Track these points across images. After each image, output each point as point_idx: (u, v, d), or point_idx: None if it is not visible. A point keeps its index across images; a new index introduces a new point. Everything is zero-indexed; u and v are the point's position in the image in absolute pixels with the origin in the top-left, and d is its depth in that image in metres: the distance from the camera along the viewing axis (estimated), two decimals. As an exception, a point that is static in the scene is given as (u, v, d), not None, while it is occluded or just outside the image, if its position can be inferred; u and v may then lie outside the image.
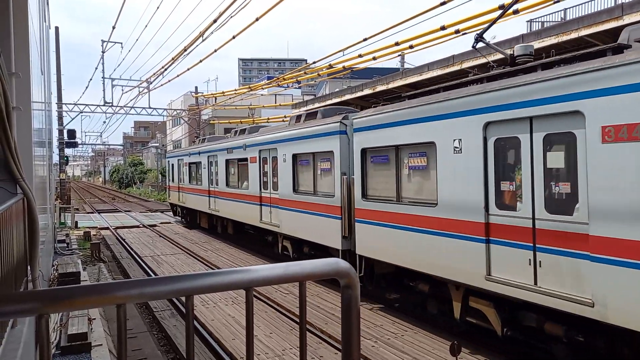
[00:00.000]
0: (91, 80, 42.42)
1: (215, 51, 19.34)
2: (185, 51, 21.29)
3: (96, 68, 49.71)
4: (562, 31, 11.28)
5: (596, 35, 10.66)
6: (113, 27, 26.29)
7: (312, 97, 30.97)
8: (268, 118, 32.48)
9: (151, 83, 31.36)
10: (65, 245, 17.73)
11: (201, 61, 22.21)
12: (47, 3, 14.39)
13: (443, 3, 12.93)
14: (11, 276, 3.95)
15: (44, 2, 12.40)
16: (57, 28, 28.49)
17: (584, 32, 10.75)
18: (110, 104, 33.36)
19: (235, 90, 32.58)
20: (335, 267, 1.57)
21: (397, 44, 16.29)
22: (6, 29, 5.19)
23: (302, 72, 25.42)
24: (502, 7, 11.69)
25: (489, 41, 8.65)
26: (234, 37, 19.24)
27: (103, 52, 31.47)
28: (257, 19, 17.07)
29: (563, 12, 20.69)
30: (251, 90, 30.41)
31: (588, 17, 11.11)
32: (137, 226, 24.74)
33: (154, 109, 35.07)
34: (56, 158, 29.04)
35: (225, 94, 32.70)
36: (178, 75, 26.27)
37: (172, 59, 23.27)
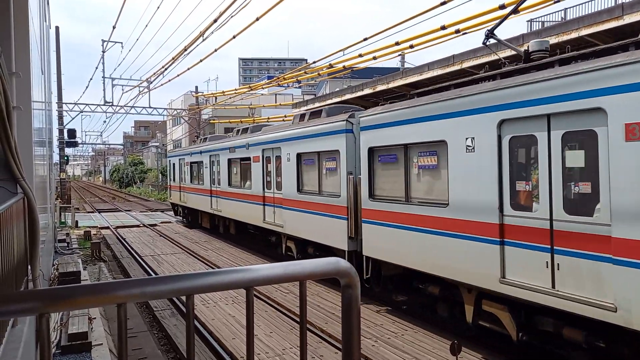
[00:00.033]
0: (91, 79, 42.40)
1: (215, 51, 19.34)
2: (185, 51, 21.29)
3: (96, 68, 49.58)
4: (563, 31, 11.27)
5: (596, 35, 10.65)
6: (113, 27, 26.29)
7: (313, 97, 30.98)
8: (268, 118, 32.46)
9: (151, 83, 31.37)
10: (65, 244, 17.72)
11: (201, 61, 22.20)
12: (48, 3, 14.39)
13: (443, 3, 12.93)
14: (12, 275, 3.96)
15: (45, 2, 12.40)
16: (58, 28, 28.53)
17: (585, 32, 10.75)
18: (110, 104, 33.36)
19: (235, 89, 32.57)
20: (335, 267, 1.57)
21: (398, 44, 16.28)
22: (7, 29, 5.20)
23: (303, 72, 25.41)
24: (503, 7, 11.70)
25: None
26: (235, 37, 19.24)
27: (103, 52, 31.49)
28: (258, 19, 17.07)
29: (563, 12, 20.69)
30: (251, 89, 30.41)
31: (588, 17, 11.11)
32: (138, 225, 24.75)
33: (154, 109, 35.07)
34: (56, 157, 29.07)
35: (225, 94, 32.70)
36: (178, 74, 26.30)
37: (173, 59, 23.27)
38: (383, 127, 8.99)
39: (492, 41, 8.12)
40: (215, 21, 16.67)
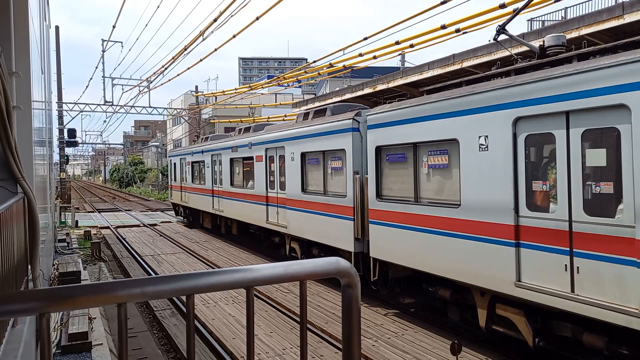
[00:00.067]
0: (91, 79, 42.39)
1: (215, 50, 19.35)
2: (185, 50, 21.30)
3: (96, 67, 49.65)
4: (563, 30, 11.24)
5: (597, 34, 10.64)
6: (113, 27, 26.31)
7: (313, 97, 30.98)
8: (268, 117, 32.46)
9: (151, 82, 31.39)
10: (65, 244, 17.73)
11: (201, 60, 22.21)
12: (48, 2, 14.39)
13: (443, 2, 12.92)
14: (12, 275, 3.96)
15: (44, 2, 12.40)
16: (58, 27, 28.50)
17: (585, 31, 10.74)
18: (110, 103, 33.38)
19: (235, 89, 32.56)
20: (335, 266, 1.57)
21: (398, 43, 16.28)
22: (7, 29, 5.20)
23: (303, 71, 25.41)
24: (503, 6, 11.69)
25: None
26: (235, 36, 19.25)
27: (103, 52, 31.52)
28: (258, 18, 17.06)
29: (564, 11, 20.68)
30: (251, 89, 30.41)
31: (589, 16, 11.09)
32: (138, 225, 24.75)
33: (154, 108, 35.10)
34: (56, 157, 29.08)
35: (225, 93, 32.70)
36: (178, 74, 26.25)
37: (173, 58, 23.27)
38: (391, 126, 8.76)
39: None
40: (215, 21, 16.68)
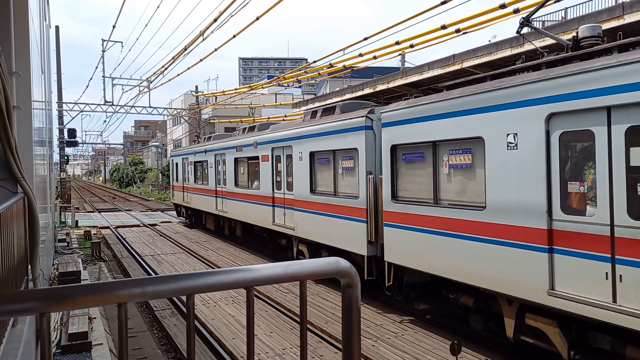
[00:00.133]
0: (91, 79, 42.44)
1: (215, 50, 19.35)
2: (185, 50, 21.30)
3: (96, 67, 49.68)
4: (563, 30, 11.25)
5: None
6: (113, 27, 26.33)
7: (313, 97, 30.99)
8: (268, 117, 32.47)
9: (151, 82, 31.40)
10: (65, 244, 17.73)
11: (201, 60, 22.20)
12: (48, 2, 14.39)
13: (443, 2, 12.92)
14: (12, 275, 3.96)
15: (44, 1, 12.40)
16: (58, 27, 28.51)
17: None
18: (110, 103, 33.40)
19: (235, 89, 32.56)
20: (336, 266, 1.57)
21: (398, 43, 16.28)
22: (7, 28, 5.20)
23: (303, 72, 25.41)
24: (503, 6, 11.69)
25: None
26: (235, 36, 19.25)
27: (103, 51, 31.53)
28: (258, 18, 17.06)
29: (564, 11, 20.69)
30: (251, 89, 30.41)
31: (588, 17, 11.09)
32: (138, 225, 24.75)
33: (155, 108, 35.12)
34: (56, 157, 29.09)
35: (225, 93, 32.70)
36: (178, 74, 26.25)
37: (173, 58, 23.27)
38: (408, 123, 8.37)
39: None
40: (215, 21, 16.68)
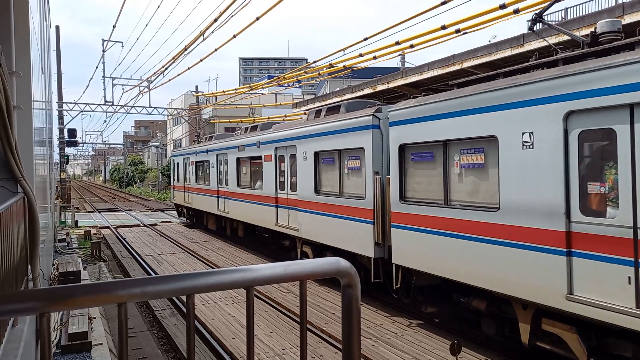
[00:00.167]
0: (92, 79, 42.46)
1: (215, 50, 19.36)
2: (185, 50, 21.30)
3: (97, 67, 49.69)
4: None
5: (597, 34, 10.64)
6: (113, 27, 26.34)
7: (313, 97, 31.00)
8: (268, 117, 32.48)
9: (152, 82, 31.41)
10: (65, 244, 17.73)
11: (202, 60, 22.20)
12: (48, 2, 14.39)
13: (443, 2, 12.92)
14: (12, 275, 3.96)
15: (45, 1, 12.40)
16: (58, 27, 28.52)
17: (585, 32, 10.74)
18: (110, 103, 33.42)
19: (235, 89, 32.57)
20: (336, 266, 1.57)
21: (398, 44, 16.28)
22: (7, 28, 5.20)
23: (303, 72, 25.41)
24: (503, 7, 11.70)
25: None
26: (235, 37, 19.25)
27: (103, 51, 31.54)
28: (258, 18, 17.06)
29: (564, 12, 20.70)
30: (252, 89, 30.42)
31: (589, 17, 11.09)
32: (138, 225, 24.75)
33: (155, 108, 35.14)
34: (57, 157, 29.09)
35: (225, 93, 32.72)
36: (178, 74, 26.25)
37: (173, 58, 23.28)
38: (418, 122, 8.17)
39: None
40: (215, 21, 16.68)
